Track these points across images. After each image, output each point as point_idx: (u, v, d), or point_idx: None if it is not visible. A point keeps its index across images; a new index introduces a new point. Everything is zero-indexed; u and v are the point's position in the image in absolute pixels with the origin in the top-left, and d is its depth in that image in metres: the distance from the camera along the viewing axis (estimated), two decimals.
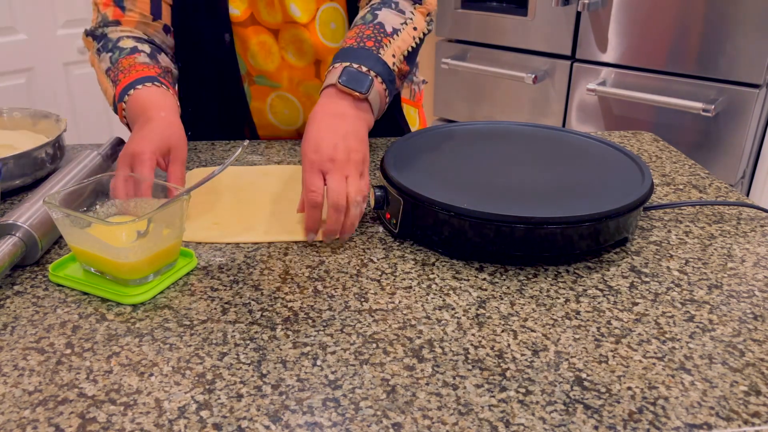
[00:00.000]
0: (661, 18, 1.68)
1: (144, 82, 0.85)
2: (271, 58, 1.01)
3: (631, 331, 0.60)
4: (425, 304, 0.64)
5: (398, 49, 0.87)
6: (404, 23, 0.90)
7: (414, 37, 0.91)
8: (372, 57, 0.83)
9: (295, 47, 1.00)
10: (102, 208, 0.72)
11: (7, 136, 0.94)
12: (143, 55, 0.90)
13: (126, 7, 0.95)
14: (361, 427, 0.49)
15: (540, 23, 1.89)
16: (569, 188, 0.75)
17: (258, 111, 1.06)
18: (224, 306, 0.63)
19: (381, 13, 0.89)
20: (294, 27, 0.99)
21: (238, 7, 0.98)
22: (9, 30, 2.02)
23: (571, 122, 1.93)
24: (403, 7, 0.92)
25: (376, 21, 0.88)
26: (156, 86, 0.86)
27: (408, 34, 0.90)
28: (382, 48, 0.85)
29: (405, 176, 0.75)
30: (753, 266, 0.71)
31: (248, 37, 1.00)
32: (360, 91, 0.79)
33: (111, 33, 0.94)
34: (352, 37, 0.86)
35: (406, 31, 0.90)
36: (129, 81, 0.86)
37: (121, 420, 0.50)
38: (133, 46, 0.91)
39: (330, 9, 1.00)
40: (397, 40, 0.87)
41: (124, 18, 0.95)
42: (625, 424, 0.49)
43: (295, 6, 0.97)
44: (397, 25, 0.89)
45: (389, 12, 0.90)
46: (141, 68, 0.87)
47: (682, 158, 1.01)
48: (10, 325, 0.61)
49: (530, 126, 0.94)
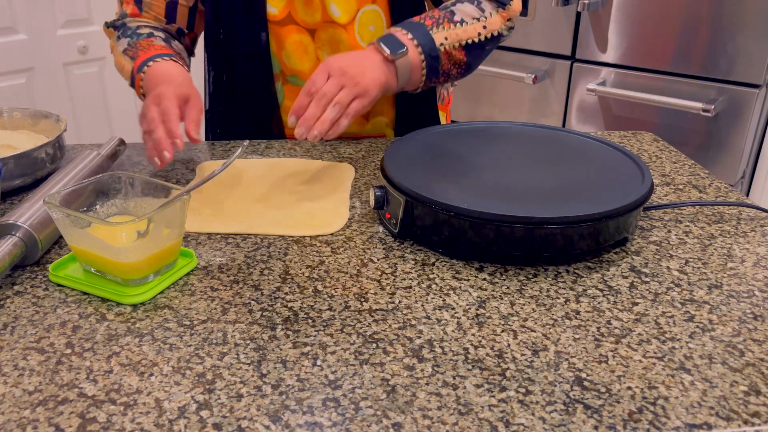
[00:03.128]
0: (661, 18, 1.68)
1: (162, 56, 0.91)
2: (306, 58, 1.01)
3: (631, 331, 0.60)
4: (425, 304, 0.64)
5: (455, 36, 0.92)
6: (476, 19, 0.94)
7: (479, 33, 0.95)
8: (422, 30, 0.90)
9: (331, 48, 1.00)
10: (102, 208, 0.72)
11: (7, 136, 0.94)
12: (159, 39, 0.97)
13: (143, 9, 1.01)
14: (361, 427, 0.49)
15: (540, 23, 1.89)
16: (569, 188, 0.75)
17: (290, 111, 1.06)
18: (224, 306, 0.64)
19: (459, 6, 0.94)
20: (332, 27, 0.99)
21: (276, 5, 0.98)
22: (9, 30, 2.02)
23: (571, 122, 1.93)
24: (484, 7, 0.96)
25: (449, 9, 0.93)
26: (173, 60, 0.91)
27: (474, 28, 0.94)
28: (438, 28, 0.91)
29: (405, 176, 0.75)
30: (753, 266, 0.71)
31: (284, 37, 1.00)
32: (387, 52, 0.86)
33: (130, 22, 1.00)
34: (423, 16, 0.93)
35: (474, 25, 0.94)
36: (148, 56, 0.92)
37: (121, 420, 0.50)
38: (149, 32, 0.97)
39: (370, 11, 1.00)
40: (458, 29, 0.92)
41: (140, 16, 1.01)
42: (625, 424, 0.49)
43: (335, 6, 0.97)
44: (468, 18, 0.94)
45: (469, 6, 0.95)
46: (158, 47, 0.94)
47: (682, 158, 1.01)
48: (10, 325, 0.61)
49: (530, 126, 0.94)
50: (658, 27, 1.69)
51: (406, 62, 0.88)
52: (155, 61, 0.90)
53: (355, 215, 0.81)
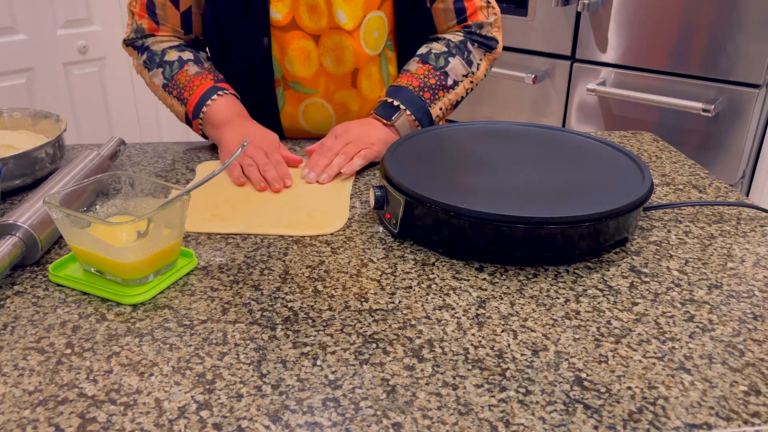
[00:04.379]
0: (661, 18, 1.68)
1: (210, 96, 0.97)
2: (309, 64, 1.01)
3: (631, 331, 0.60)
4: (425, 304, 0.64)
5: (448, 102, 1.00)
6: (466, 75, 1.01)
7: (467, 89, 1.03)
8: (422, 109, 0.98)
9: (335, 54, 1.00)
10: (102, 208, 0.72)
11: (7, 136, 0.94)
12: (191, 64, 1.00)
13: (159, 22, 1.01)
14: (361, 427, 0.49)
15: (540, 23, 1.89)
16: (569, 188, 0.75)
17: (290, 116, 1.06)
18: (224, 306, 0.64)
19: (452, 62, 1.00)
20: (338, 33, 0.98)
21: (280, 11, 0.97)
22: (9, 30, 2.02)
23: (571, 122, 1.93)
24: (473, 58, 1.02)
25: (444, 70, 0.99)
26: (220, 96, 0.98)
27: (463, 87, 1.02)
28: (435, 102, 0.99)
29: (405, 176, 0.75)
30: (753, 266, 0.71)
31: (287, 42, 0.99)
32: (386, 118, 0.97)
33: (153, 45, 1.01)
34: (418, 77, 0.99)
35: (463, 84, 1.01)
36: (196, 98, 0.97)
37: (121, 420, 0.50)
38: (178, 57, 1.00)
39: (376, 18, 1.00)
40: (451, 94, 1.00)
41: (158, 31, 1.01)
42: (625, 424, 0.49)
43: (342, 12, 0.97)
44: (459, 77, 1.00)
45: (459, 62, 1.00)
46: (197, 82, 0.98)
47: (682, 158, 1.01)
48: (10, 325, 0.61)
49: (530, 126, 0.94)
50: (658, 27, 1.69)
51: (404, 121, 0.97)
52: (207, 106, 0.97)
53: (355, 215, 0.81)
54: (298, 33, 0.99)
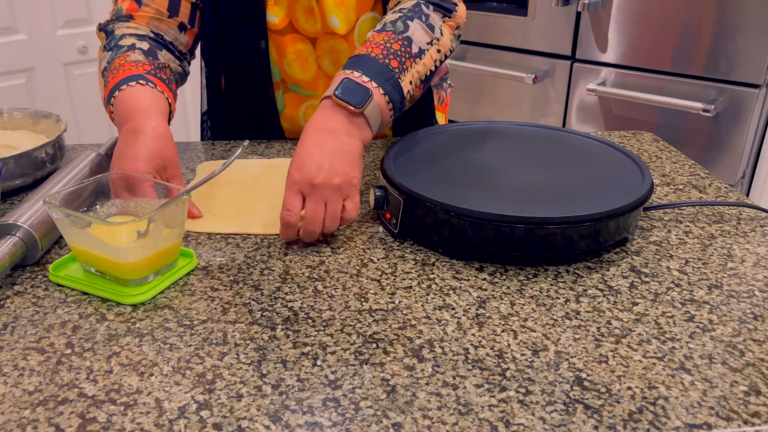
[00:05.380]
0: (661, 18, 1.68)
1: (128, 81, 0.82)
2: (307, 67, 1.01)
3: (631, 331, 0.60)
4: (425, 304, 0.64)
5: (417, 74, 0.84)
6: (430, 43, 0.86)
7: (435, 60, 0.87)
8: (392, 80, 0.79)
9: (332, 57, 1.00)
10: (102, 208, 0.72)
11: (7, 136, 0.94)
12: (138, 52, 0.88)
13: (143, 2, 0.93)
14: (361, 427, 0.49)
15: (540, 23, 1.89)
16: (569, 188, 0.75)
17: (291, 118, 1.06)
18: (224, 306, 0.64)
19: (412, 26, 0.84)
20: (332, 38, 0.98)
21: (277, 14, 0.96)
22: (9, 30, 2.02)
23: (571, 122, 1.93)
24: (433, 22, 0.87)
25: (405, 35, 0.83)
26: (141, 84, 0.82)
27: (430, 57, 0.86)
28: (404, 73, 0.81)
29: (405, 176, 0.75)
30: (753, 266, 0.71)
31: (285, 45, 0.99)
32: (354, 104, 0.75)
33: (117, 29, 0.92)
34: (379, 44, 0.82)
35: (430, 53, 0.85)
36: (115, 82, 0.83)
37: (121, 420, 0.50)
38: (131, 43, 0.89)
39: (369, 19, 0.99)
40: (419, 64, 0.84)
41: (138, 13, 0.93)
42: (625, 424, 0.49)
43: (334, 17, 0.96)
44: (424, 45, 0.85)
45: (419, 26, 0.85)
46: (129, 66, 0.84)
47: (682, 158, 1.01)
48: (10, 325, 0.61)
49: (530, 126, 0.94)
50: (658, 27, 1.69)
51: (374, 109, 0.77)
52: (121, 90, 0.81)
53: None
54: (295, 36, 0.98)
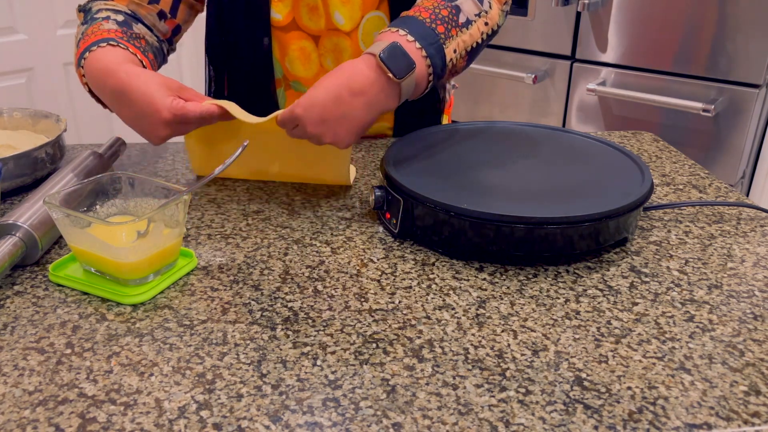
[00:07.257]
0: (661, 18, 1.68)
1: (99, 43, 0.81)
2: (309, 65, 1.00)
3: (631, 331, 0.60)
4: (425, 304, 0.64)
5: (462, 44, 0.82)
6: (478, 15, 0.84)
7: (482, 33, 0.85)
8: (436, 44, 0.78)
9: (334, 55, 1.00)
10: (102, 208, 0.72)
11: (7, 136, 0.94)
12: (112, 22, 0.86)
13: None
14: (361, 427, 0.49)
15: (540, 23, 1.89)
16: (569, 188, 0.75)
17: None
18: (224, 306, 0.64)
19: None
20: (336, 35, 0.98)
21: (281, 11, 0.96)
22: (9, 30, 2.02)
23: (571, 122, 1.93)
24: None
25: (455, 3, 0.82)
26: (111, 45, 0.81)
27: (477, 29, 0.84)
28: (449, 40, 0.80)
29: (405, 176, 0.75)
30: (753, 266, 0.71)
31: (288, 42, 0.99)
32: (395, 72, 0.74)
33: (95, 6, 0.91)
34: (428, 8, 0.80)
35: (477, 25, 0.84)
36: (85, 45, 0.82)
37: (121, 420, 0.50)
38: (106, 15, 0.88)
39: (374, 18, 0.98)
40: (464, 34, 0.82)
41: None
42: (625, 424, 0.49)
43: (339, 14, 0.96)
44: (472, 16, 0.83)
45: None
46: (101, 33, 0.83)
47: (682, 158, 1.01)
48: (10, 325, 0.61)
49: (530, 126, 0.94)
50: (658, 27, 1.69)
51: (411, 82, 0.77)
52: (91, 51, 0.80)
53: (355, 215, 0.81)
54: (299, 33, 0.98)
